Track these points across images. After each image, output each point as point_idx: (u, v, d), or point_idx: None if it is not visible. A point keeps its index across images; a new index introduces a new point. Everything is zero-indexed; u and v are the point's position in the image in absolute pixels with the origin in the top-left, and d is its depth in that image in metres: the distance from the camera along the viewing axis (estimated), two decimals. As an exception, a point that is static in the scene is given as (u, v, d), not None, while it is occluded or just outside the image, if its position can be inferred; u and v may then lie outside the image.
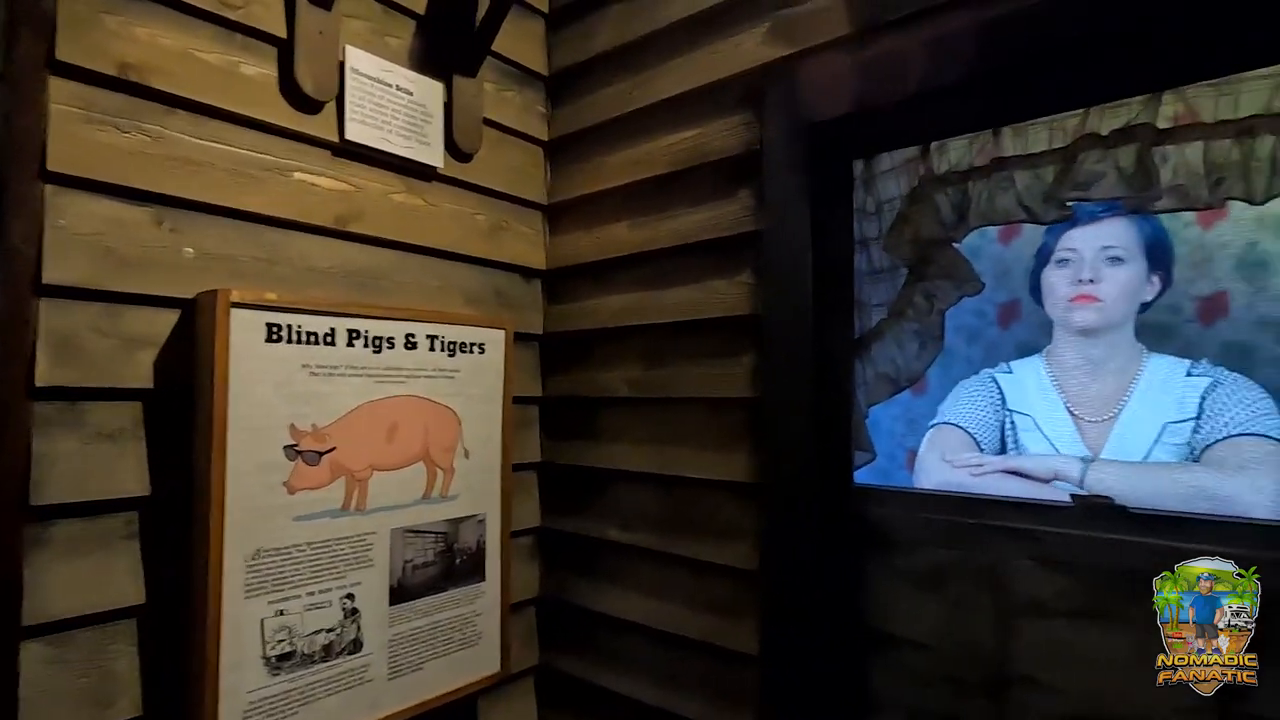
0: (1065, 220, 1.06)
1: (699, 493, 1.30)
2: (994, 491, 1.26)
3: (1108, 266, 1.34)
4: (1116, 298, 1.36)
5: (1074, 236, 1.37)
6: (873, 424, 1.20)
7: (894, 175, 1.19)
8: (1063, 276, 1.43)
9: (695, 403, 1.31)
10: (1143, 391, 1.32)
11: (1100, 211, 1.34)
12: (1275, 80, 0.88)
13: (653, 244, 1.39)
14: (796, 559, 1.16)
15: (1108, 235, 1.35)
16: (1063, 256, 1.40)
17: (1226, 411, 1.20)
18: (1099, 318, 1.38)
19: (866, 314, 1.21)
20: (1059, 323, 1.43)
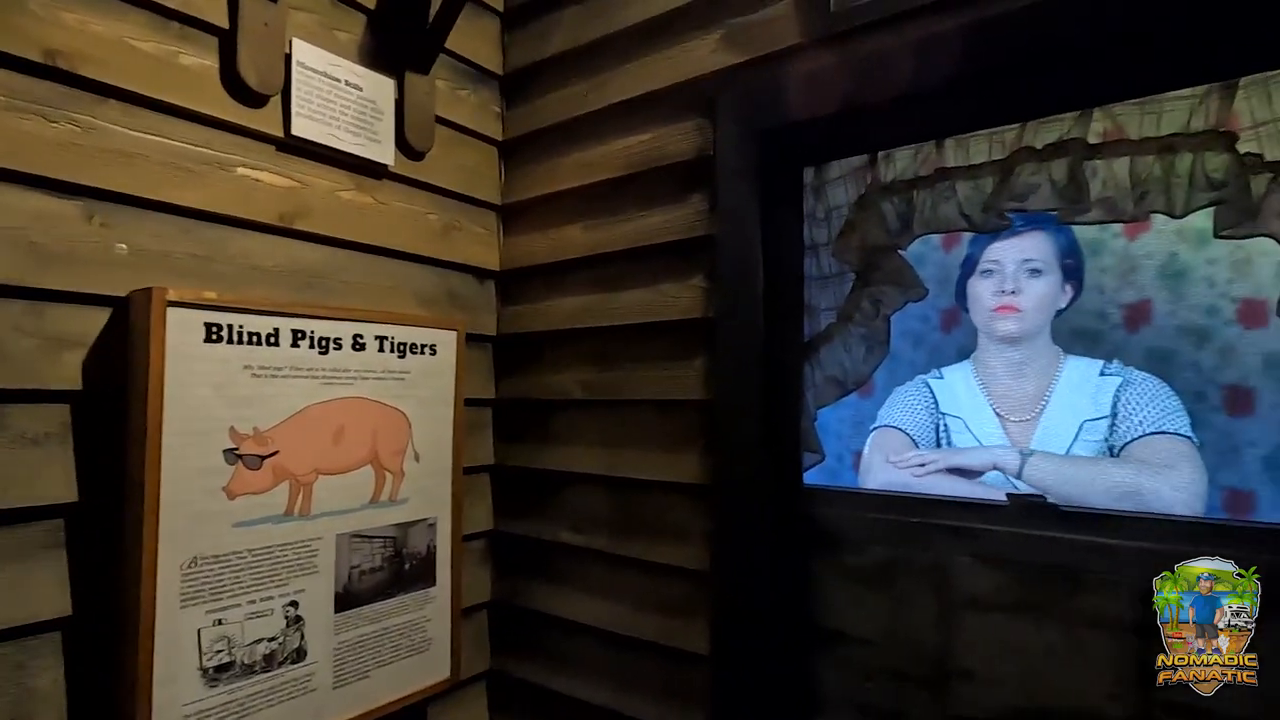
0: (1004, 229, 1.10)
1: (651, 494, 1.31)
2: (935, 491, 1.30)
3: (1027, 278, 1.42)
4: (1035, 307, 1.44)
5: (997, 249, 1.46)
6: (821, 426, 1.23)
7: (843, 183, 1.22)
8: (987, 287, 1.51)
9: (648, 405, 1.32)
10: (1061, 391, 1.40)
11: (1020, 225, 1.42)
12: (1193, 102, 0.94)
13: (607, 246, 1.39)
14: (747, 559, 1.18)
15: (1028, 248, 1.44)
16: (987, 268, 1.48)
17: (1139, 410, 1.27)
18: (1019, 327, 1.46)
19: (815, 318, 1.23)
20: (983, 330, 1.50)
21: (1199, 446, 1.18)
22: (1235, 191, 0.90)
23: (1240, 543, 0.87)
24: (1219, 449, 1.20)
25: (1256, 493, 1.16)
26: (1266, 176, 0.90)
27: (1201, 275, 1.22)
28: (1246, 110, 0.92)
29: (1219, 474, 1.19)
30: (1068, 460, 1.30)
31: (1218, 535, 0.90)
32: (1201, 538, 0.90)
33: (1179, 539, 0.91)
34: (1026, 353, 1.46)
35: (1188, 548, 0.90)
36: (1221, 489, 1.19)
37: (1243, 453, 1.18)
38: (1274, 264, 1.10)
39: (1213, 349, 1.22)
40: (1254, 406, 1.17)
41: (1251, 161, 0.91)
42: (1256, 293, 1.16)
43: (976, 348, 1.56)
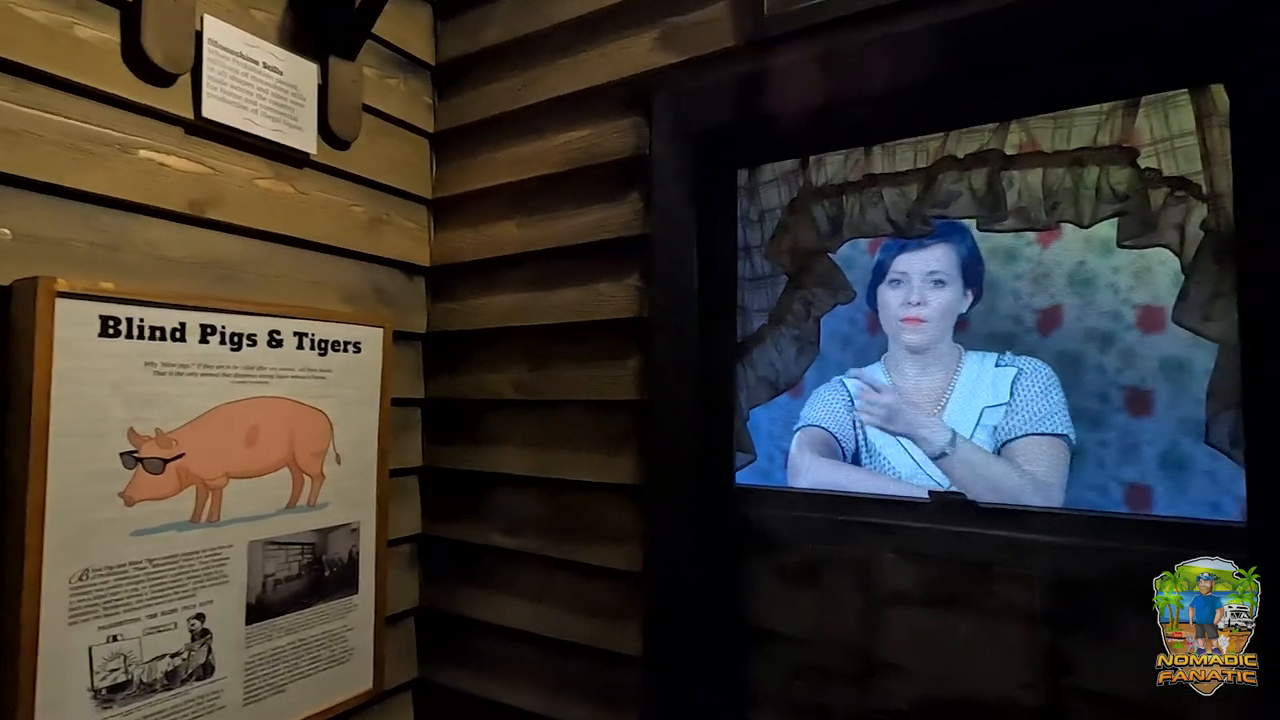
0: (928, 235, 1.14)
1: (584, 496, 1.29)
2: (861, 489, 1.33)
3: (932, 289, 1.49)
4: (939, 316, 1.52)
5: (904, 260, 1.52)
6: (753, 426, 1.24)
7: (776, 185, 1.23)
8: (895, 296, 1.58)
9: (581, 405, 1.30)
10: (962, 384, 1.48)
11: (930, 238, 1.48)
12: (1099, 118, 0.99)
13: (540, 244, 1.37)
14: (679, 560, 1.17)
15: (932, 260, 1.51)
16: (895, 278, 1.55)
17: (1032, 402, 1.35)
18: (924, 338, 1.53)
19: (748, 319, 1.25)
20: (891, 336, 1.58)
21: (1072, 446, 1.26)
22: (1136, 204, 0.95)
23: (1138, 536, 0.93)
24: (1121, 447, 1.28)
25: (1154, 488, 1.24)
26: (1164, 191, 0.96)
27: (1106, 282, 1.30)
28: (1147, 128, 0.97)
29: (1121, 470, 1.27)
30: (976, 450, 1.36)
31: (1117, 529, 0.95)
32: (1106, 531, 0.95)
33: (1084, 533, 0.96)
34: (932, 353, 1.54)
35: (1092, 541, 0.95)
36: (1123, 484, 1.27)
37: (1142, 450, 1.26)
38: (1170, 273, 1.18)
39: (1115, 352, 1.30)
40: (1152, 407, 1.26)
41: (1151, 176, 0.96)
42: (1155, 300, 1.24)
43: (887, 349, 1.62)
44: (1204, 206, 0.93)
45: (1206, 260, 0.91)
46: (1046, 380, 1.40)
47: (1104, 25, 0.90)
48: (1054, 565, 0.96)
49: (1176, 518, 0.92)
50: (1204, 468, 1.18)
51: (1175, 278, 1.06)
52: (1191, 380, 1.19)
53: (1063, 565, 0.95)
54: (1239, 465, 0.89)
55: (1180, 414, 1.20)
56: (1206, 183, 0.91)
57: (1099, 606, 0.94)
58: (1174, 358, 1.23)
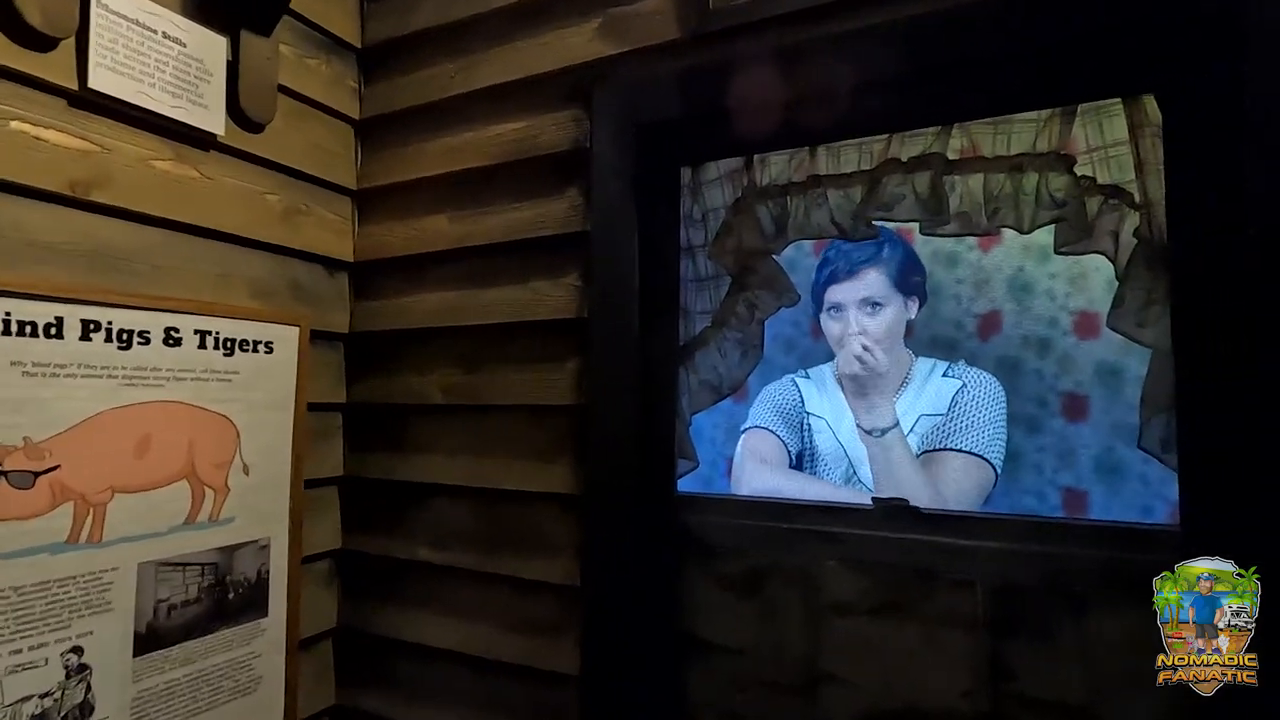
0: (872, 239, 1.13)
1: (519, 506, 1.22)
2: (804, 496, 1.31)
3: (869, 316, 1.46)
4: (883, 338, 1.49)
5: (836, 292, 1.49)
6: (695, 432, 1.20)
7: (720, 184, 1.20)
8: (835, 328, 1.54)
9: (516, 410, 1.24)
10: (911, 389, 1.46)
11: (858, 265, 1.45)
12: (1038, 124, 0.99)
13: (474, 239, 1.29)
14: (618, 572, 1.12)
15: (864, 287, 1.47)
16: (831, 308, 1.52)
17: (968, 418, 1.35)
18: (868, 367, 1.46)
19: (691, 321, 1.21)
20: (840, 362, 1.51)
21: (997, 473, 1.24)
22: (1073, 210, 0.96)
23: (1075, 541, 0.93)
24: (1058, 452, 1.30)
25: (1089, 492, 1.27)
26: (1099, 198, 0.97)
27: (1044, 288, 1.32)
28: (1083, 136, 0.99)
29: (1058, 475, 1.29)
30: (903, 446, 1.34)
31: (1056, 534, 0.95)
32: (1044, 536, 0.95)
33: (1024, 538, 0.96)
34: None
35: (1032, 546, 0.95)
36: (1060, 489, 1.29)
37: (1078, 455, 1.29)
38: (1105, 279, 1.21)
39: (1053, 358, 1.32)
40: (1087, 412, 1.28)
41: (1086, 184, 0.97)
42: (1090, 305, 1.27)
43: (836, 353, 1.60)
44: (1137, 215, 0.95)
45: (1140, 267, 0.92)
46: (990, 399, 1.38)
47: (1042, 32, 0.90)
48: (995, 571, 0.95)
49: (1112, 522, 0.93)
50: (1137, 472, 1.21)
51: (1110, 284, 1.07)
52: (1125, 385, 1.22)
53: (1003, 571, 0.95)
54: (1170, 469, 0.91)
55: (1114, 419, 1.23)
56: (1139, 191, 0.93)
57: (1039, 612, 0.93)
58: (1109, 363, 1.26)
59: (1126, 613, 0.90)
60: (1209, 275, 0.84)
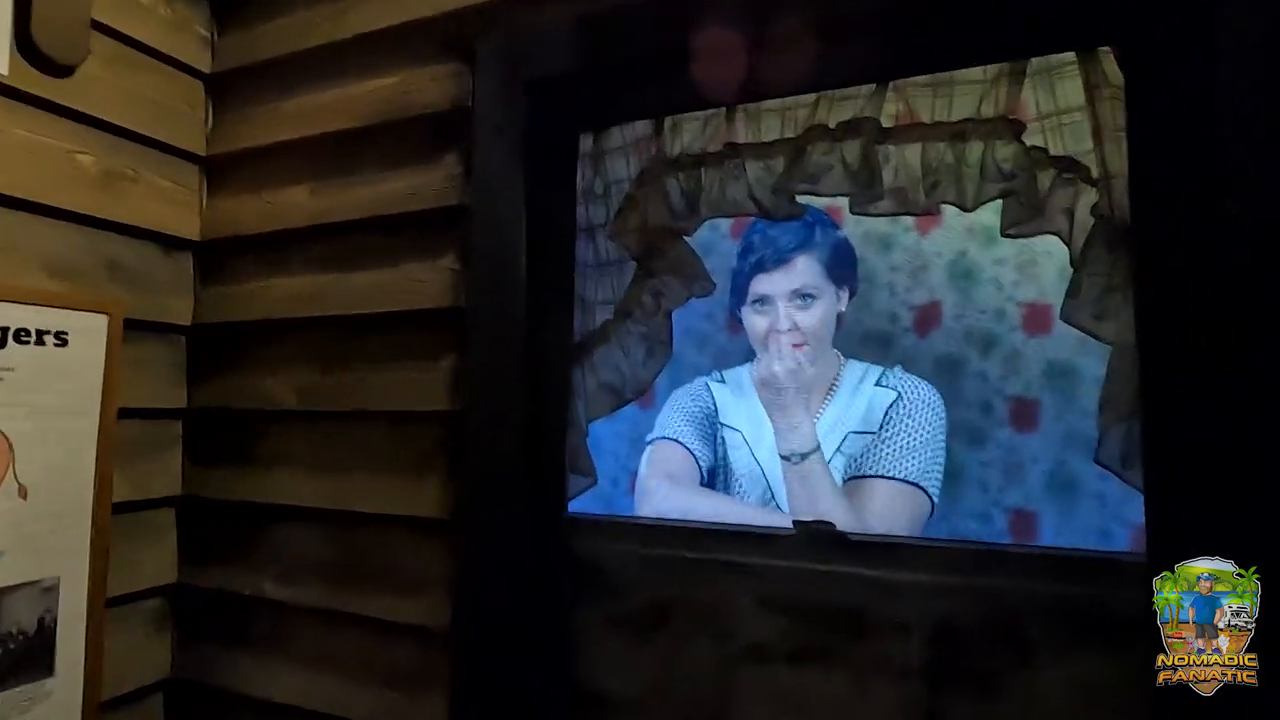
0: (796, 218, 0.97)
1: (380, 532, 1.03)
2: (717, 518, 1.15)
3: (801, 311, 1.28)
4: (815, 334, 1.31)
5: (764, 283, 1.30)
6: (594, 442, 1.02)
7: (624, 154, 1.03)
8: (760, 323, 1.33)
9: (381, 417, 1.04)
10: (836, 401, 1.28)
11: (788, 252, 1.26)
12: (983, 86, 0.86)
13: (338, 214, 1.10)
14: (496, 611, 0.94)
15: (796, 277, 1.29)
16: (757, 301, 1.32)
17: (902, 438, 1.17)
18: (798, 366, 1.27)
19: (590, 313, 1.03)
20: (764, 362, 1.31)
21: (933, 503, 1.09)
22: (1023, 184, 0.82)
23: (1024, 572, 0.78)
24: (1004, 466, 1.15)
25: (1039, 513, 1.13)
26: (1051, 172, 0.84)
27: (989, 276, 1.17)
28: (1033, 100, 0.85)
29: (1005, 494, 1.14)
30: (824, 474, 1.16)
31: (1001, 564, 0.81)
32: (989, 567, 0.80)
33: (966, 569, 0.81)
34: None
35: (975, 579, 0.80)
36: (1007, 510, 1.14)
37: (1027, 470, 1.15)
38: (1058, 266, 1.07)
39: (999, 357, 1.17)
40: (1037, 420, 1.14)
41: (1038, 155, 0.84)
42: (1041, 297, 1.13)
43: (758, 353, 1.38)
44: (1094, 190, 0.82)
45: (1099, 250, 0.79)
46: (928, 416, 1.21)
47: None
48: (932, 610, 0.80)
49: (1066, 550, 0.79)
50: (1093, 489, 1.07)
51: (1063, 271, 0.94)
52: (1080, 389, 1.08)
53: (942, 609, 0.80)
54: (1132, 487, 0.77)
55: (1067, 427, 1.09)
56: (1098, 163, 0.80)
57: (982, 658, 0.79)
58: (1061, 363, 1.12)
59: (1082, 659, 0.75)
60: (1180, 257, 0.71)
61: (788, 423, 1.22)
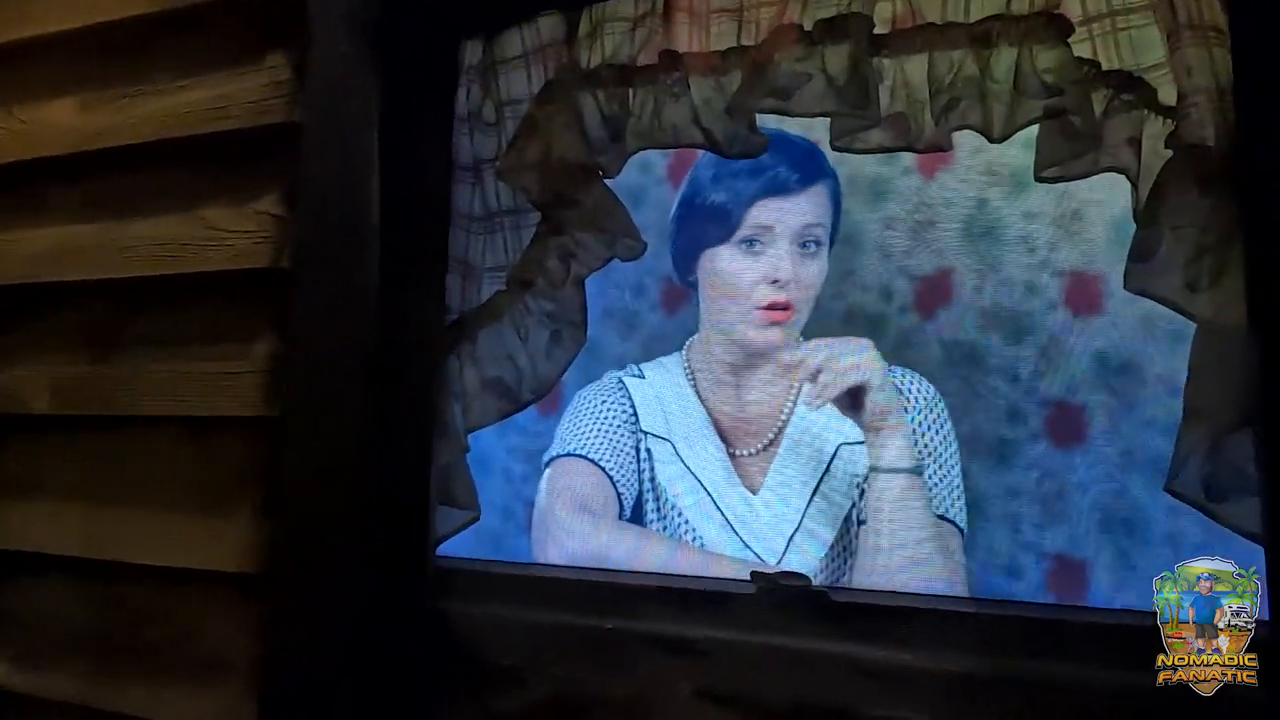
0: (755, 154, 0.72)
1: (167, 593, 0.72)
2: (647, 566, 0.87)
3: (808, 259, 0.97)
4: (807, 301, 1.00)
5: (770, 209, 0.97)
6: (477, 460, 0.75)
7: (525, 66, 0.75)
8: (747, 269, 1.00)
9: (168, 426, 0.73)
10: (808, 401, 0.99)
11: (808, 175, 0.96)
12: (1012, -26, 0.63)
13: (115, 137, 0.78)
14: (324, 708, 0.64)
15: (809, 210, 0.97)
16: (751, 237, 0.99)
17: (922, 444, 0.93)
18: (788, 336, 0.99)
19: (474, 282, 0.75)
20: (728, 329, 1.01)
21: (964, 538, 0.86)
22: (1075, 102, 0.59)
23: (1087, 649, 0.55)
24: (1040, 497, 0.91)
25: (1090, 561, 0.89)
26: (1105, 93, 0.61)
27: (1017, 235, 0.92)
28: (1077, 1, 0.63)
29: (1045, 536, 0.90)
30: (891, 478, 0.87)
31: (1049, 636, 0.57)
32: (1033, 641, 0.57)
33: (1001, 646, 0.57)
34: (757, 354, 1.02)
35: (1013, 660, 0.56)
36: (1045, 559, 0.90)
37: (1071, 500, 0.91)
38: (1112, 221, 0.84)
39: (1032, 346, 0.92)
40: (1085, 432, 0.91)
41: (1088, 71, 0.61)
42: (1087, 264, 0.89)
43: (697, 333, 1.06)
44: (1160, 120, 0.60)
45: (1183, 194, 0.56)
46: (938, 421, 0.93)
47: None
48: (949, 708, 0.56)
49: (1129, 614, 0.57)
50: (1162, 530, 0.84)
51: (1119, 227, 0.70)
52: (1141, 390, 0.86)
53: (962, 708, 0.56)
54: (1225, 526, 0.55)
55: (1126, 443, 0.86)
56: (1179, 74, 0.57)
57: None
58: (1115, 354, 0.89)
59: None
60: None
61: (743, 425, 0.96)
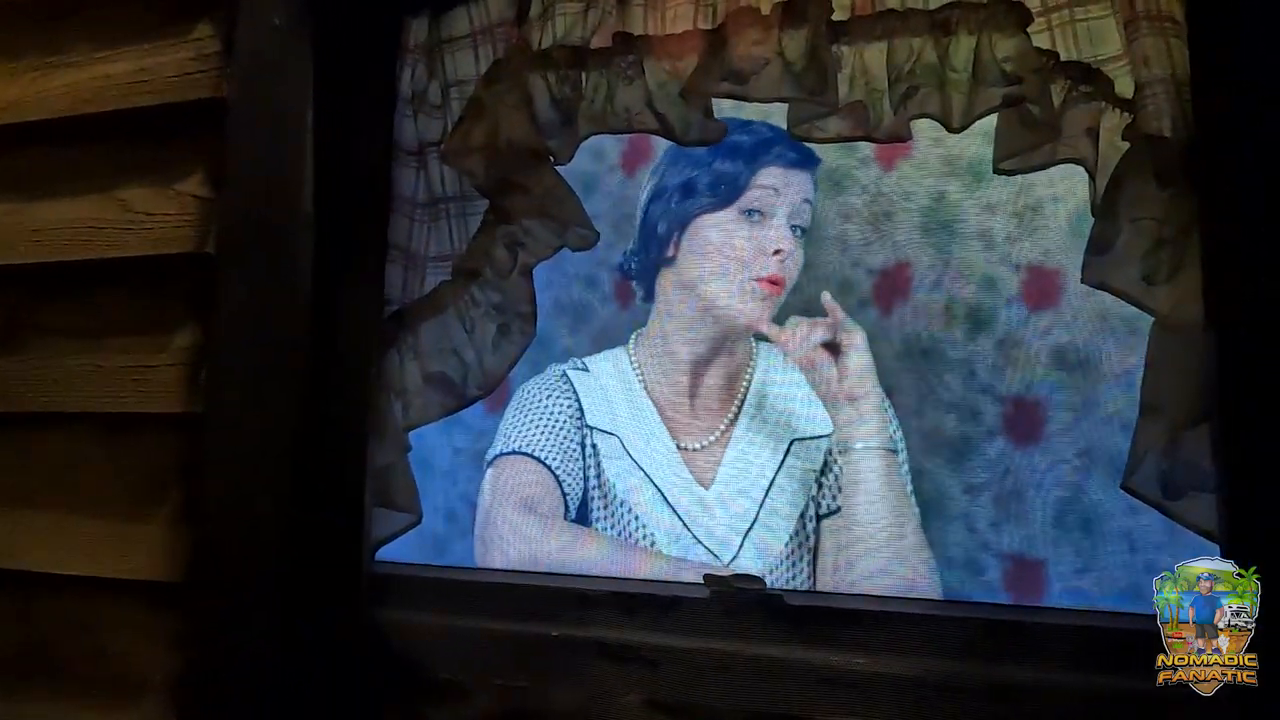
0: (711, 142, 0.69)
1: (73, 604, 0.66)
2: (596, 569, 0.83)
3: (793, 236, 0.93)
4: (790, 285, 0.95)
5: (776, 176, 0.92)
6: (419, 460, 0.71)
7: (473, 45, 0.72)
8: (747, 237, 0.94)
9: (78, 423, 0.68)
10: (755, 398, 0.96)
11: (807, 155, 0.92)
12: (973, -41, 0.61)
13: (24, 112, 0.73)
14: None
15: (809, 189, 0.94)
16: (755, 206, 0.92)
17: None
18: (771, 310, 0.94)
19: (417, 272, 0.71)
20: (704, 300, 0.95)
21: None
22: (1034, 91, 0.58)
23: (1047, 650, 0.54)
24: (997, 494, 0.90)
25: (1047, 561, 0.89)
26: (1064, 84, 0.60)
27: (977, 228, 0.91)
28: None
29: (1002, 535, 0.89)
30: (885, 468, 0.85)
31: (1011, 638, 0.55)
32: (991, 644, 0.55)
33: (960, 648, 0.55)
34: (718, 339, 0.97)
35: (972, 664, 0.54)
36: (1003, 557, 0.89)
37: (1028, 500, 0.90)
38: (1071, 215, 0.84)
39: (990, 341, 0.92)
40: (1043, 429, 0.90)
41: (1047, 61, 0.60)
42: (1046, 258, 0.89)
43: (643, 326, 1.01)
44: (1117, 112, 0.59)
45: (1141, 185, 0.55)
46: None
47: None
48: (908, 713, 0.54)
49: (1108, 618, 0.56)
50: (1118, 527, 0.84)
51: (1077, 223, 0.69)
52: (1096, 385, 0.86)
53: (923, 712, 0.54)
54: (1181, 524, 0.54)
55: (1082, 440, 0.86)
56: (1138, 64, 0.56)
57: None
58: (1072, 349, 0.89)
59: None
60: (1273, 186, 0.48)
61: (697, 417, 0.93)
